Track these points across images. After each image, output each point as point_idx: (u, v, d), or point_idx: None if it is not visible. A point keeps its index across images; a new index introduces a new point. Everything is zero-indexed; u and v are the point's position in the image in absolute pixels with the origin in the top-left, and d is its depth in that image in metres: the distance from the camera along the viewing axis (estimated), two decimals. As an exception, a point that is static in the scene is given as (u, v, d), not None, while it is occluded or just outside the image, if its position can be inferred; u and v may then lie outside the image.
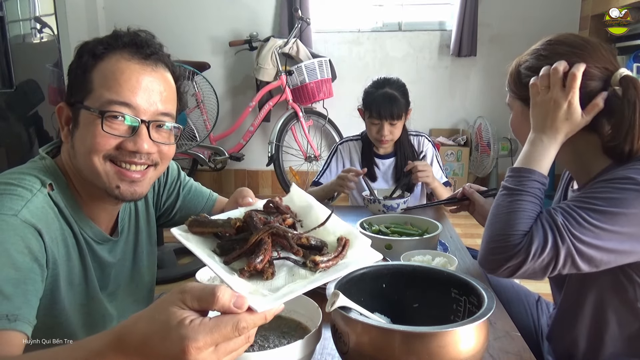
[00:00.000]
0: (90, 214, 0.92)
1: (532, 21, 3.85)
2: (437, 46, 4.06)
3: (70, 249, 0.87)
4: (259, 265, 0.61)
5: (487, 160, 3.79)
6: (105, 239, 0.96)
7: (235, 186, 4.33)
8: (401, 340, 0.65)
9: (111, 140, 0.84)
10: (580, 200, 0.88)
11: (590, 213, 0.85)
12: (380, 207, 1.64)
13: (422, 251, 1.18)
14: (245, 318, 0.53)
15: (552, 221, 0.86)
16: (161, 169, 0.93)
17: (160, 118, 0.88)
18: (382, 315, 0.83)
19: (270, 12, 4.10)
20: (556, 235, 0.85)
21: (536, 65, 0.98)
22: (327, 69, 3.78)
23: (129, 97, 0.84)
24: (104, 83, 0.84)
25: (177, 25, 4.15)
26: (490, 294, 0.73)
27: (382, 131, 1.88)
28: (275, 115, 3.90)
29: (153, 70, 0.88)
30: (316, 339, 0.73)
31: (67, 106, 0.88)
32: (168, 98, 0.90)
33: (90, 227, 0.92)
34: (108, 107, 0.83)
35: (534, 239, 0.86)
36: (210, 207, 1.23)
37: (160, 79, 0.89)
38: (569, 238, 0.84)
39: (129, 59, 0.86)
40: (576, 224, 0.84)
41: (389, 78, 1.96)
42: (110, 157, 0.85)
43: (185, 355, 0.50)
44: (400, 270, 0.87)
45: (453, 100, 4.11)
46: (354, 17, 4.13)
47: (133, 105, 0.84)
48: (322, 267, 0.63)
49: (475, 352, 0.67)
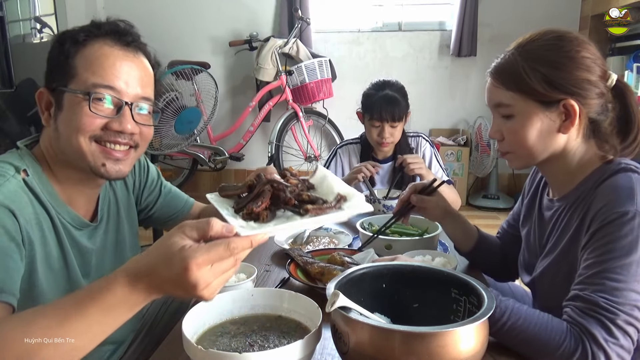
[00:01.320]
0: (68, 199, 0.95)
1: (532, 21, 3.84)
2: (437, 46, 4.06)
3: (47, 233, 0.89)
4: (255, 208, 0.70)
5: (487, 160, 3.79)
6: (83, 224, 0.98)
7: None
8: (401, 340, 0.65)
9: (97, 120, 0.89)
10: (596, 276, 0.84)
11: (614, 276, 0.82)
12: (380, 207, 1.64)
13: (422, 251, 1.18)
14: (234, 239, 0.63)
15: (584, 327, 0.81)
16: (141, 150, 0.99)
17: (141, 101, 0.95)
18: (382, 315, 0.83)
19: (270, 12, 4.10)
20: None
21: (553, 77, 0.91)
22: (327, 69, 3.78)
23: (113, 80, 0.90)
24: (89, 68, 0.89)
25: (177, 25, 4.15)
26: (490, 294, 0.74)
27: (383, 133, 1.87)
28: (275, 115, 3.90)
29: (134, 56, 0.94)
30: (316, 339, 0.73)
31: (47, 91, 0.92)
32: (147, 83, 0.97)
33: (67, 212, 0.94)
34: (93, 89, 0.88)
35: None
36: (188, 210, 1.30)
37: (141, 65, 0.95)
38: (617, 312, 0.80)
39: (111, 45, 0.92)
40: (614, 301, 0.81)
41: (388, 80, 1.95)
42: (95, 138, 0.90)
43: (187, 273, 0.60)
44: (400, 270, 0.87)
45: (453, 100, 4.11)
46: (354, 17, 4.13)
47: (117, 88, 0.90)
48: (312, 212, 0.69)
49: (475, 352, 0.67)
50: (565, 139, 0.95)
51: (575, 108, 0.91)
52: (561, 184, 1.00)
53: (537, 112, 0.93)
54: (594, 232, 0.87)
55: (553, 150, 0.96)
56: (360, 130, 2.10)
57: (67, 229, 0.94)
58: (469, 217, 1.46)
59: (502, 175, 4.10)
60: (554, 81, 0.90)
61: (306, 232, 1.41)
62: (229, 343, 0.77)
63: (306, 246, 1.35)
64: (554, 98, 0.91)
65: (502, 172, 4.08)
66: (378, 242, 1.24)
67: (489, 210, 3.89)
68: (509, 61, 0.94)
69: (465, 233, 1.23)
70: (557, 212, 1.01)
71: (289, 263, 1.15)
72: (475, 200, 4.01)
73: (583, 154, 0.96)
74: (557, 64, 0.91)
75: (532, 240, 1.10)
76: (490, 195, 3.99)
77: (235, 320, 0.84)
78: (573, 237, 0.93)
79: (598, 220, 0.87)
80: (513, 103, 0.94)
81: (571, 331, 0.82)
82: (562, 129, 0.93)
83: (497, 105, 0.98)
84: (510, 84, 0.94)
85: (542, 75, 0.90)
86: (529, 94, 0.92)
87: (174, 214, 1.27)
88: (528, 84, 0.91)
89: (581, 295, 0.84)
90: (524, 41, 0.95)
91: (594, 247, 0.86)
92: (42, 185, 0.91)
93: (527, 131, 0.94)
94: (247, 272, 1.07)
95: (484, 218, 3.69)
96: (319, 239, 1.41)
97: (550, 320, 0.84)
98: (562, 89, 0.90)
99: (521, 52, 0.94)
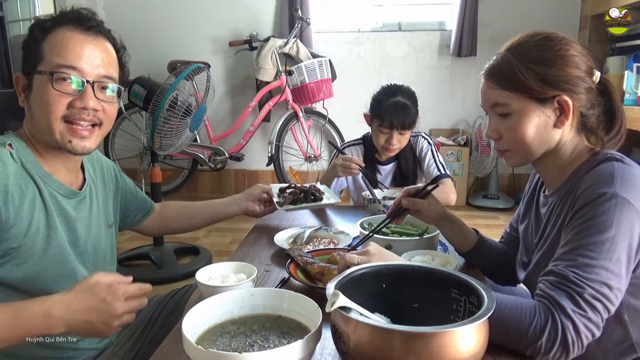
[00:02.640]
0: (52, 170, 1.03)
1: (532, 21, 3.84)
2: (437, 46, 4.06)
3: (35, 200, 0.97)
4: None
5: (487, 160, 3.79)
6: (70, 193, 1.07)
7: (235, 186, 4.33)
8: (401, 340, 0.65)
9: (62, 99, 0.98)
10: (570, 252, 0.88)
11: (587, 253, 0.85)
12: (380, 207, 1.64)
13: (422, 251, 1.18)
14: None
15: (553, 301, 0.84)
16: (105, 128, 1.07)
17: (104, 80, 1.03)
18: (382, 315, 0.83)
19: (270, 12, 4.10)
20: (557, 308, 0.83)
21: (547, 75, 0.95)
22: (327, 69, 3.78)
23: (75, 61, 0.99)
24: (53, 50, 0.99)
25: (177, 25, 4.15)
26: (490, 294, 0.74)
27: (391, 140, 1.86)
28: (275, 115, 3.90)
29: (94, 39, 1.02)
30: (316, 339, 0.73)
31: (23, 76, 1.02)
32: (109, 63, 1.05)
33: (53, 181, 1.03)
34: (57, 69, 0.97)
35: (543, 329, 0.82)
36: (152, 208, 1.42)
37: (101, 47, 1.03)
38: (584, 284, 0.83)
39: (73, 30, 1.00)
40: (583, 272, 0.84)
41: (399, 86, 1.91)
42: (64, 118, 0.99)
43: (107, 288, 0.87)
44: (400, 270, 0.87)
45: (453, 100, 4.11)
46: (354, 17, 4.13)
47: (79, 68, 0.99)
48: None
49: (475, 352, 0.67)
50: (560, 134, 0.99)
51: (569, 103, 0.95)
52: (554, 178, 1.04)
53: (534, 109, 0.97)
54: (574, 212, 0.92)
55: (549, 146, 1.00)
56: (360, 130, 2.10)
57: (53, 196, 1.02)
58: (469, 217, 1.46)
59: (502, 175, 4.10)
60: (548, 78, 0.95)
61: (306, 232, 1.41)
62: (229, 343, 0.77)
63: (306, 246, 1.35)
64: (548, 94, 0.95)
65: (502, 172, 4.08)
66: (378, 242, 1.24)
67: (489, 210, 3.89)
68: (503, 62, 0.99)
69: (462, 236, 1.24)
70: (550, 206, 1.04)
71: (289, 263, 1.15)
72: (475, 200, 4.01)
73: (574, 148, 1.01)
74: (549, 62, 0.95)
75: (529, 237, 1.13)
76: (490, 195, 3.99)
77: (235, 320, 0.83)
78: (562, 226, 0.96)
79: (579, 202, 0.91)
80: (509, 102, 0.98)
81: (540, 306, 0.84)
82: (557, 124, 0.98)
83: (493, 105, 1.01)
84: (505, 83, 0.98)
85: (536, 73, 0.95)
86: (525, 92, 0.96)
87: (147, 212, 1.40)
88: (523, 82, 0.95)
89: (554, 270, 0.87)
90: (515, 43, 1.00)
91: (572, 226, 0.90)
92: (26, 157, 1.00)
93: (525, 127, 0.97)
94: (247, 272, 1.07)
95: (484, 218, 3.69)
96: (319, 239, 1.41)
97: (518, 300, 0.86)
98: (556, 85, 0.95)
99: (514, 53, 0.98)
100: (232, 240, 3.30)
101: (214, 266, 1.07)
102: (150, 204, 1.41)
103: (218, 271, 1.06)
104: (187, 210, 1.50)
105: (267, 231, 1.52)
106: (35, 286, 0.97)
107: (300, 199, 1.58)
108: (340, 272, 0.85)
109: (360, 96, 1.97)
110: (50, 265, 1.00)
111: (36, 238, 0.97)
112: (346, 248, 1.29)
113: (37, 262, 0.97)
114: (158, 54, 3.98)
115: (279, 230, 1.45)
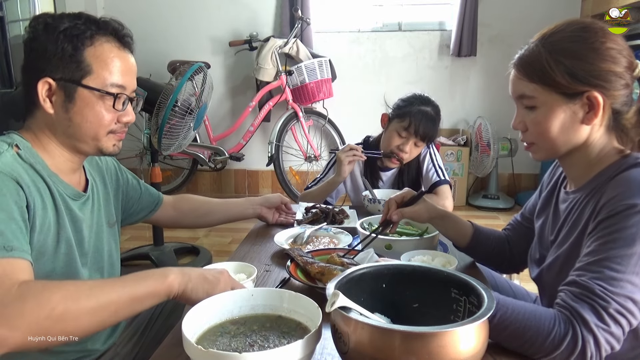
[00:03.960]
0: (58, 171, 1.03)
1: (532, 21, 3.84)
2: (437, 46, 4.06)
3: (45, 199, 0.96)
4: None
5: (487, 160, 3.79)
6: (77, 195, 1.07)
7: (235, 186, 4.33)
8: (401, 340, 0.65)
9: (113, 115, 1.03)
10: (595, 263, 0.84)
11: (613, 266, 0.82)
12: (380, 207, 1.64)
13: (422, 251, 1.18)
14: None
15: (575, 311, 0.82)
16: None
17: (134, 94, 1.08)
18: (382, 315, 0.83)
19: (270, 12, 4.10)
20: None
21: (576, 70, 0.90)
22: (327, 69, 3.78)
23: (124, 80, 1.02)
24: (104, 67, 0.99)
25: (178, 25, 4.15)
26: (490, 294, 0.74)
27: (404, 146, 1.81)
28: (275, 115, 3.90)
29: (130, 55, 1.06)
30: (316, 339, 0.73)
31: (53, 81, 0.98)
32: (135, 76, 1.09)
33: (61, 182, 1.02)
34: (111, 89, 1.00)
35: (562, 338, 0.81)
36: (162, 201, 1.41)
37: (133, 62, 1.08)
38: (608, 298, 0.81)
39: (118, 47, 1.03)
40: (608, 284, 0.81)
41: (430, 98, 1.88)
42: (111, 132, 1.04)
43: (221, 274, 0.93)
44: (400, 270, 0.87)
45: (453, 100, 4.11)
46: (354, 17, 4.13)
47: (125, 86, 1.03)
48: None
49: (475, 352, 0.67)
50: (588, 131, 0.94)
51: (598, 100, 0.90)
52: (578, 176, 1.00)
53: (560, 104, 0.92)
54: (600, 221, 0.87)
55: (575, 142, 0.95)
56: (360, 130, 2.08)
57: (63, 197, 1.02)
58: (469, 217, 1.46)
59: (502, 175, 4.10)
60: (577, 73, 0.89)
61: (306, 232, 1.41)
62: (229, 343, 0.77)
63: (306, 246, 1.35)
64: (577, 90, 0.90)
65: (502, 172, 4.08)
66: (378, 242, 1.24)
67: (489, 210, 3.89)
68: (533, 53, 0.94)
69: (457, 230, 1.23)
70: (571, 203, 1.00)
71: (289, 263, 1.15)
72: (475, 200, 4.01)
73: (603, 147, 0.96)
74: (580, 56, 0.90)
75: (546, 232, 1.09)
76: (490, 195, 3.99)
77: (235, 320, 0.84)
78: (583, 229, 0.93)
79: (606, 210, 0.87)
80: (536, 95, 0.93)
81: (560, 316, 0.82)
82: (585, 121, 0.93)
83: (520, 96, 0.97)
84: (533, 76, 0.93)
85: (565, 67, 0.90)
86: (552, 86, 0.91)
87: (154, 207, 1.38)
88: (551, 76, 0.91)
89: (578, 281, 0.84)
90: (549, 32, 0.94)
91: (598, 236, 0.86)
92: (34, 158, 0.98)
93: (550, 123, 0.93)
94: (247, 272, 1.07)
95: (484, 218, 3.69)
96: (319, 239, 1.41)
97: (537, 308, 0.84)
98: (585, 80, 0.89)
99: (545, 44, 0.93)
100: (232, 240, 3.30)
101: (214, 266, 1.07)
102: (156, 200, 1.38)
103: (218, 271, 1.06)
104: (205, 207, 1.50)
105: (267, 231, 1.52)
106: None
107: (320, 220, 1.57)
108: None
109: (360, 96, 1.96)
110: (58, 264, 0.99)
111: (47, 236, 0.96)
112: (346, 248, 1.29)
113: (48, 261, 0.97)
114: (158, 54, 3.98)
115: (279, 231, 1.45)
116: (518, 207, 3.96)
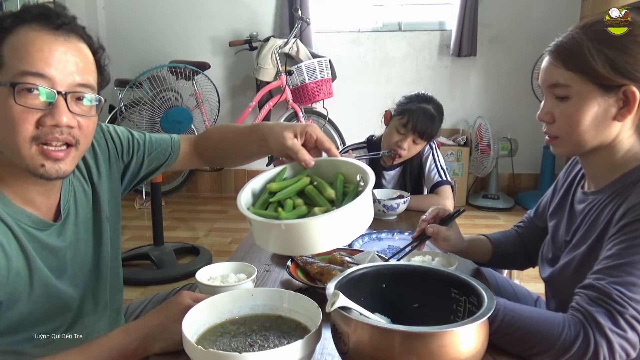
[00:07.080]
0: (23, 202, 0.89)
1: (532, 21, 3.85)
2: (437, 46, 4.06)
3: (7, 249, 0.83)
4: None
5: (487, 160, 3.79)
6: (46, 225, 0.92)
7: (235, 186, 4.32)
8: (401, 340, 0.65)
9: (29, 116, 0.80)
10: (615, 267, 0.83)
11: (634, 271, 0.80)
12: (380, 207, 1.64)
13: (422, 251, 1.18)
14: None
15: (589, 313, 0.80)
16: (83, 147, 0.89)
17: (79, 89, 0.85)
18: (382, 315, 0.83)
19: (270, 12, 4.10)
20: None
21: (617, 61, 0.87)
22: (327, 69, 3.78)
23: (43, 67, 0.80)
24: (15, 55, 0.80)
25: (177, 25, 4.15)
26: (490, 294, 0.73)
27: (402, 143, 1.82)
28: (275, 115, 3.90)
29: (65, 40, 0.84)
30: (316, 339, 0.73)
31: None
32: (85, 69, 0.86)
33: (27, 216, 0.88)
34: (20, 79, 0.79)
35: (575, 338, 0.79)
36: (177, 151, 1.18)
37: (74, 50, 0.85)
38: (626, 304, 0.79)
39: (38, 29, 0.82)
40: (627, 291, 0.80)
41: (432, 97, 1.89)
42: (34, 139, 0.81)
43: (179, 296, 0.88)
44: (400, 270, 0.87)
45: (453, 100, 4.10)
46: (354, 17, 4.13)
47: (48, 76, 0.80)
48: None
49: (475, 352, 0.67)
50: (618, 129, 0.91)
51: (635, 95, 0.87)
52: (600, 176, 0.97)
53: (595, 96, 0.89)
54: (623, 225, 0.85)
55: (603, 139, 0.92)
56: (360, 130, 2.08)
57: (29, 233, 0.88)
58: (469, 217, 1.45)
59: (502, 175, 4.10)
60: (618, 65, 0.87)
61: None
62: (229, 343, 0.77)
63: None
64: (615, 82, 0.87)
65: (502, 172, 4.08)
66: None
67: (489, 210, 3.89)
68: (573, 40, 0.90)
69: (477, 253, 1.23)
70: (589, 205, 0.98)
71: (289, 263, 1.15)
72: (475, 200, 4.01)
73: (629, 148, 0.93)
74: (623, 48, 0.87)
75: (560, 232, 1.07)
76: (490, 195, 3.99)
77: (235, 320, 0.83)
78: (602, 232, 0.92)
79: (630, 215, 0.85)
80: (571, 84, 0.90)
81: (571, 320, 0.81)
82: (617, 117, 0.90)
83: (553, 85, 0.93)
84: (571, 63, 0.90)
85: (607, 57, 0.87)
86: (590, 76, 0.88)
87: (166, 158, 1.17)
88: (591, 64, 0.88)
89: (595, 285, 0.82)
90: (590, 21, 0.91)
91: (620, 240, 0.84)
92: None
93: (582, 114, 0.90)
94: (247, 272, 1.07)
95: (484, 218, 3.69)
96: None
97: (545, 312, 0.83)
98: (626, 73, 0.87)
99: (587, 32, 0.90)
100: (232, 240, 3.30)
101: (214, 266, 1.07)
102: (167, 152, 1.17)
103: (218, 271, 1.06)
104: (233, 137, 1.17)
105: (267, 231, 1.52)
106: (17, 331, 0.88)
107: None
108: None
109: (360, 96, 1.96)
110: (35, 306, 0.89)
111: (18, 284, 0.85)
112: (346, 248, 1.29)
113: (23, 305, 0.87)
114: (158, 54, 3.98)
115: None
116: (518, 207, 3.96)
